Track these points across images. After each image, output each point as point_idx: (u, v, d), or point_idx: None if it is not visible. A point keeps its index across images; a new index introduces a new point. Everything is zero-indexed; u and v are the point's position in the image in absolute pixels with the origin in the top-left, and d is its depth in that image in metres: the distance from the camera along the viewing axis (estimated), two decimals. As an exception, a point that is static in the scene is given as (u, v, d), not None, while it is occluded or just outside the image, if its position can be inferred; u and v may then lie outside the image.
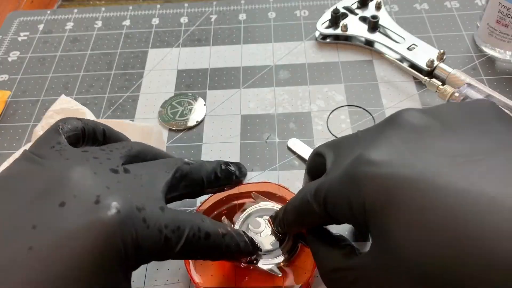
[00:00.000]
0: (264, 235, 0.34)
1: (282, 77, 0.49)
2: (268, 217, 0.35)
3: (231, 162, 0.36)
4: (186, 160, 0.32)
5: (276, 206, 0.35)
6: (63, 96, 0.45)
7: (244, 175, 0.36)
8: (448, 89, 0.42)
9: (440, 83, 0.43)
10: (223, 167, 0.34)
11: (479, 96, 0.40)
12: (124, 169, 0.27)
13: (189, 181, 0.31)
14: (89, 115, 0.43)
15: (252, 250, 0.31)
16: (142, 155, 0.30)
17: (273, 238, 0.34)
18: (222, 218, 0.36)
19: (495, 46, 0.47)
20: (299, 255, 0.34)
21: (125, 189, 0.25)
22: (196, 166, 0.32)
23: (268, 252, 0.33)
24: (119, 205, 0.23)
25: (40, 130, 0.43)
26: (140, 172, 0.27)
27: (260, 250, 0.33)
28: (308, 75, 0.49)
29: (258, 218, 0.35)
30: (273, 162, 0.42)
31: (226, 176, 0.34)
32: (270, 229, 0.34)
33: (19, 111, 0.48)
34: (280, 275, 0.32)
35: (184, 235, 0.26)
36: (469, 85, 0.41)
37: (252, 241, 0.32)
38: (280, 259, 0.33)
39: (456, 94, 0.41)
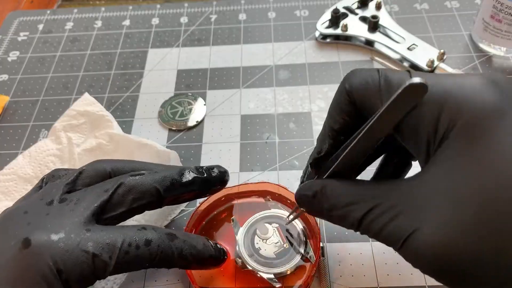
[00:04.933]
0: (269, 242, 0.34)
1: (282, 77, 0.49)
2: (277, 225, 0.34)
3: (207, 167, 0.33)
4: (140, 172, 0.30)
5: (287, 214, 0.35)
6: (86, 94, 0.44)
7: (219, 179, 0.33)
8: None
9: None
10: (188, 173, 0.32)
11: None
12: (60, 199, 0.29)
13: (137, 194, 0.29)
14: (114, 124, 0.43)
15: (215, 254, 0.30)
16: (96, 173, 0.31)
17: (278, 248, 0.33)
18: (232, 218, 0.35)
19: (490, 41, 0.47)
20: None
21: (48, 220, 0.27)
22: (146, 177, 0.30)
23: (271, 260, 0.33)
24: (32, 240, 0.25)
25: (59, 126, 0.42)
26: (75, 198, 0.29)
27: (225, 255, 0.32)
28: (308, 75, 0.49)
29: (267, 224, 0.34)
30: (273, 162, 0.42)
31: (193, 183, 0.31)
32: (278, 238, 0.34)
33: (18, 111, 0.48)
34: (279, 286, 0.32)
35: (117, 248, 0.26)
36: None
37: (216, 245, 0.31)
38: (281, 270, 0.32)
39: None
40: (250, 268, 0.32)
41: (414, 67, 0.47)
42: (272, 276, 0.32)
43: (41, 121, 0.47)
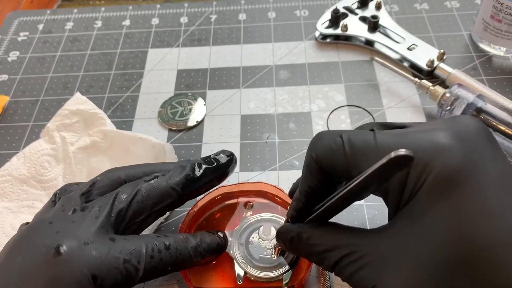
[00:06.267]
0: (263, 244, 0.34)
1: (282, 77, 0.49)
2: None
3: (214, 155, 0.34)
4: (155, 175, 0.31)
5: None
6: (78, 93, 0.45)
7: (228, 165, 0.34)
8: (439, 90, 0.42)
9: (430, 84, 0.43)
10: (200, 166, 0.32)
11: (471, 96, 0.40)
12: (82, 208, 0.29)
13: (157, 198, 0.30)
14: (107, 121, 0.43)
15: (222, 241, 0.32)
16: (111, 182, 0.31)
17: (265, 253, 0.33)
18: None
19: (490, 41, 0.47)
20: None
21: (75, 228, 0.27)
22: (161, 179, 0.31)
23: (261, 262, 0.33)
24: (64, 247, 0.26)
25: (52, 126, 0.42)
26: (96, 205, 0.29)
27: (227, 240, 0.33)
28: (308, 75, 0.49)
29: (273, 227, 0.34)
30: (273, 162, 0.42)
31: (206, 174, 0.32)
32: (274, 247, 0.33)
33: (18, 111, 0.48)
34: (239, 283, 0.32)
35: (142, 253, 0.28)
36: (460, 85, 0.41)
37: (218, 233, 0.33)
38: (271, 274, 0.32)
39: (448, 95, 0.41)
40: (236, 259, 0.33)
41: (414, 67, 0.47)
42: (241, 272, 0.32)
43: (41, 121, 0.47)
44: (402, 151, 0.19)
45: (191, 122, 0.45)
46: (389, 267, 0.22)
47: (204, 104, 0.47)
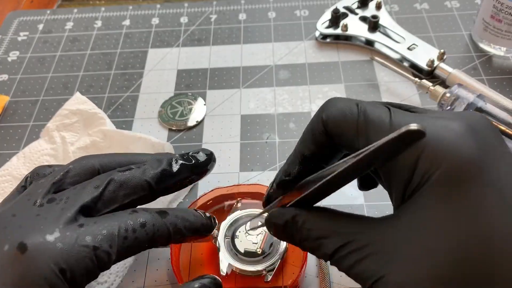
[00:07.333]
0: (250, 239, 0.33)
1: (282, 77, 0.49)
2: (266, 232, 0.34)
3: (193, 152, 0.33)
4: (129, 166, 0.30)
5: None
6: (78, 93, 0.45)
7: (206, 163, 0.33)
8: (439, 89, 0.42)
9: (430, 84, 0.43)
10: (176, 161, 0.31)
11: (471, 96, 0.40)
12: (49, 199, 0.28)
13: (128, 189, 0.29)
14: (107, 121, 0.43)
15: (207, 222, 0.31)
16: (84, 171, 0.30)
17: (251, 248, 0.33)
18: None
19: (490, 41, 0.47)
20: (287, 255, 0.33)
21: (39, 222, 0.26)
22: (135, 171, 0.30)
23: (247, 256, 0.33)
24: (28, 243, 0.25)
25: (52, 126, 0.43)
26: (64, 197, 0.28)
27: (215, 221, 0.32)
28: (308, 75, 0.49)
29: (260, 222, 0.34)
30: (273, 162, 0.42)
31: (182, 171, 0.31)
32: (259, 240, 0.33)
33: (18, 111, 0.48)
34: (223, 274, 0.32)
35: (115, 236, 0.26)
36: (460, 85, 0.41)
37: (205, 214, 0.31)
38: (252, 267, 0.32)
39: (448, 95, 0.41)
40: (221, 251, 0.33)
41: (414, 67, 0.47)
42: (227, 265, 0.32)
43: (41, 121, 0.47)
44: (414, 126, 0.18)
45: (191, 122, 0.45)
46: (394, 260, 0.21)
47: (204, 104, 0.47)
